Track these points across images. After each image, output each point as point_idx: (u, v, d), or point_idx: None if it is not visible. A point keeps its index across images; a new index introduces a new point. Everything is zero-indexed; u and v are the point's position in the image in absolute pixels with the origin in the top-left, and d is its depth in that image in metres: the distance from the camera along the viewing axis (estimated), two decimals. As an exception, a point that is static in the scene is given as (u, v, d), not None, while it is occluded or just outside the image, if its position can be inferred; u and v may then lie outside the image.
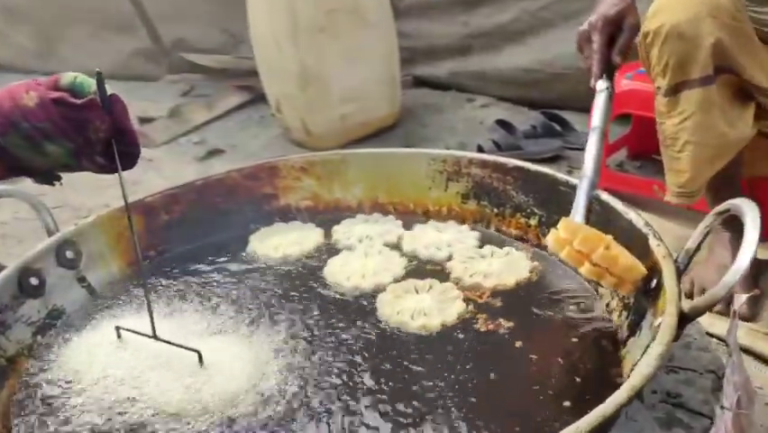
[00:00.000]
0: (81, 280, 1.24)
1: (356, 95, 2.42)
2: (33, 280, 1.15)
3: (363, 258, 1.32)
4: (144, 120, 2.78)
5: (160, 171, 2.43)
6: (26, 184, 1.13)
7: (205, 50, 3.20)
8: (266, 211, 1.49)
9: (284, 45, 2.35)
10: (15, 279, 1.13)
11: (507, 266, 1.25)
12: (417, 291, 1.21)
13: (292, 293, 1.24)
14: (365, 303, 1.20)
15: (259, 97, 2.83)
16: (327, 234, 1.42)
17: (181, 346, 1.00)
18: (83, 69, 1.01)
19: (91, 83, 0.94)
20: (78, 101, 0.92)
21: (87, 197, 2.14)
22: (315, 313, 1.17)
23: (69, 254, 1.23)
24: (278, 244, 1.38)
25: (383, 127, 2.51)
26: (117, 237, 1.30)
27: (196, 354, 1.00)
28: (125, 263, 1.31)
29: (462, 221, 1.43)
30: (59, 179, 1.05)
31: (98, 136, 0.94)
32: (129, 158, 0.99)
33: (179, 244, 1.39)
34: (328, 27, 2.31)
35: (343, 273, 1.27)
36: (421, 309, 1.15)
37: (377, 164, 1.51)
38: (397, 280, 1.25)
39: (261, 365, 1.05)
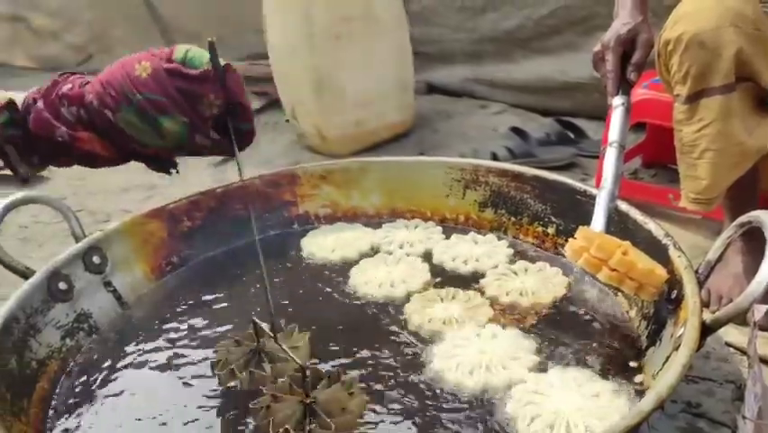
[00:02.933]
0: (107, 284, 1.26)
1: (370, 101, 2.44)
2: (62, 285, 1.17)
3: (388, 266, 1.33)
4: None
5: (175, 176, 2.44)
6: (51, 189, 1.14)
7: (220, 55, 3.23)
8: (285, 218, 1.51)
9: (299, 52, 2.37)
10: (45, 283, 1.15)
11: (542, 283, 1.25)
12: (442, 300, 1.22)
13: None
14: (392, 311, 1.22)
15: (273, 103, 2.84)
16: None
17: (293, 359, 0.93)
18: None
19: (204, 55, 0.89)
20: (193, 72, 0.87)
21: (105, 202, 2.16)
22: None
23: (96, 259, 1.25)
24: (334, 245, 1.41)
25: (396, 133, 2.52)
26: (142, 242, 1.32)
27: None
28: (149, 268, 1.33)
29: (479, 229, 1.45)
30: (175, 165, 1.00)
31: (212, 111, 0.89)
32: (244, 135, 0.93)
33: (202, 251, 1.41)
34: (343, 34, 2.33)
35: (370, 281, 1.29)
36: (450, 317, 1.16)
37: (395, 172, 1.53)
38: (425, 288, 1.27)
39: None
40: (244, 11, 2.94)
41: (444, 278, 1.31)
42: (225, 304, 1.26)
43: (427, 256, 1.38)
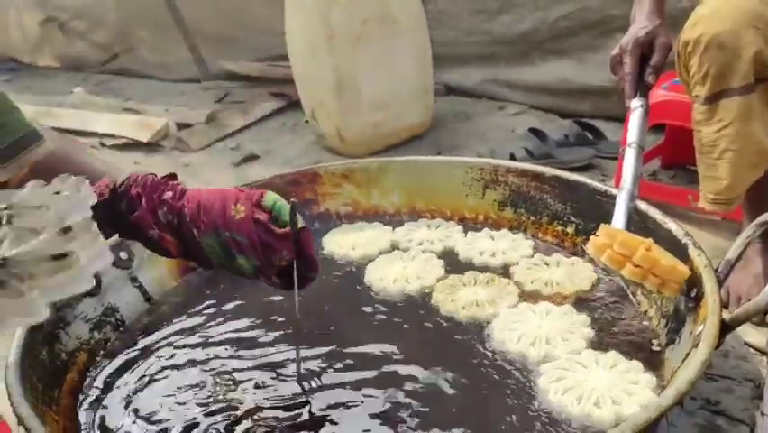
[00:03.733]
0: (134, 280, 1.29)
1: (389, 102, 2.46)
2: (90, 280, 1.20)
3: (404, 262, 1.35)
4: (182, 125, 2.84)
5: (197, 176, 2.48)
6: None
7: (241, 57, 3.26)
8: (307, 216, 1.53)
9: (319, 54, 2.40)
10: (74, 278, 1.18)
11: (568, 276, 1.27)
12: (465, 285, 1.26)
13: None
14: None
15: (293, 104, 2.87)
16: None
17: None
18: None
19: (287, 208, 0.99)
20: (278, 230, 0.97)
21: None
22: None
23: (123, 255, 1.28)
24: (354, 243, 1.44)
25: (415, 134, 2.54)
26: (167, 240, 1.35)
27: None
28: (173, 264, 1.36)
29: (499, 228, 1.46)
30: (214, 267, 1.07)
31: (281, 263, 0.99)
32: (305, 280, 1.03)
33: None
34: (362, 36, 2.35)
35: (385, 277, 1.31)
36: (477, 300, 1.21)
37: (415, 172, 1.55)
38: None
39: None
40: (265, 13, 2.97)
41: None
42: (246, 302, 1.29)
43: (449, 253, 1.39)
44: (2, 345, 1.61)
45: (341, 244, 1.44)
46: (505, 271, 1.32)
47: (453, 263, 1.35)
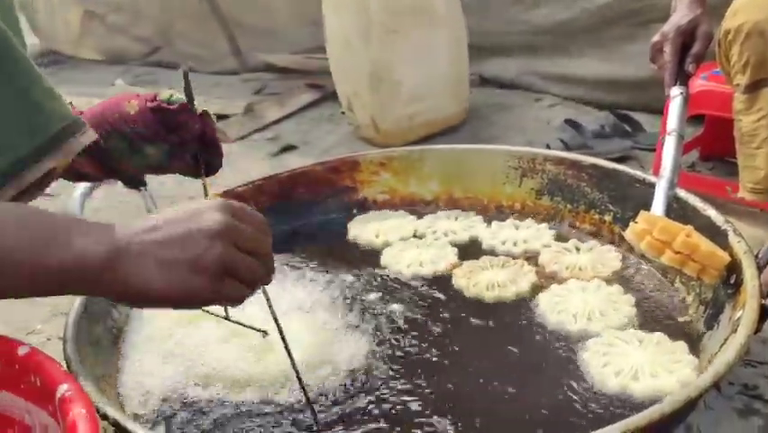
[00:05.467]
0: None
1: (425, 93, 2.47)
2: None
3: (419, 249, 1.39)
4: (221, 117, 2.89)
5: (235, 166, 2.52)
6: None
7: (278, 48, 3.31)
8: (345, 203, 1.57)
9: (356, 45, 2.42)
10: (124, 258, 1.23)
11: (591, 263, 1.29)
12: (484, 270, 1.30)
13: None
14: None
15: (329, 95, 2.91)
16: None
17: (250, 327, 1.06)
18: (195, 60, 1.10)
19: (184, 98, 1.04)
20: (172, 107, 1.03)
21: (172, 187, 2.25)
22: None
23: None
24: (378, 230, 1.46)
25: (451, 126, 2.55)
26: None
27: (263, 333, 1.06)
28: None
29: (536, 217, 1.47)
30: (144, 184, 1.16)
31: (191, 135, 1.04)
32: (212, 166, 1.09)
33: (266, 232, 1.47)
34: (399, 27, 2.37)
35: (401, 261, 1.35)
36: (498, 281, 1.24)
37: (453, 160, 1.57)
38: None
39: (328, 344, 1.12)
40: (302, 4, 3.01)
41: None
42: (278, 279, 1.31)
43: (473, 242, 1.42)
44: (56, 324, 1.67)
45: (366, 230, 1.47)
46: (528, 258, 1.34)
47: (469, 251, 1.39)
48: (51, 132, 0.87)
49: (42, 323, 1.68)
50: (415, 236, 1.45)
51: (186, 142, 1.04)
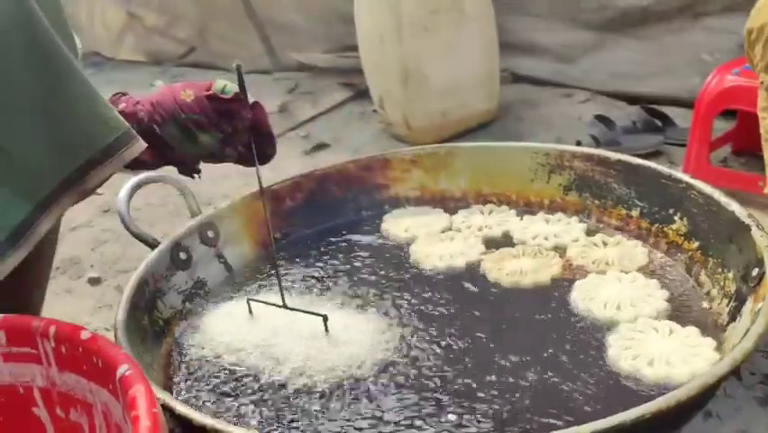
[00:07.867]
0: (219, 256, 1.40)
1: (456, 90, 2.51)
2: (182, 255, 1.32)
3: (443, 243, 1.43)
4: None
5: (270, 164, 2.59)
6: (171, 171, 1.28)
7: (310, 47, 3.37)
8: (377, 200, 1.61)
9: (388, 43, 2.47)
10: (168, 253, 1.30)
11: (618, 258, 1.31)
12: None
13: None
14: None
15: (361, 93, 2.96)
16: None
17: (310, 312, 1.12)
18: (229, 60, 1.16)
19: (236, 88, 1.09)
20: (228, 96, 1.09)
21: (209, 187, 2.32)
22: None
23: (210, 234, 1.38)
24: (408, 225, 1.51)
25: (482, 122, 2.59)
26: (249, 220, 1.45)
27: (322, 323, 1.11)
28: (255, 243, 1.46)
29: (564, 212, 1.50)
30: (198, 171, 1.22)
31: (243, 125, 1.09)
32: (265, 156, 1.16)
33: (301, 228, 1.53)
34: (431, 25, 2.41)
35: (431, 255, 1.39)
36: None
37: (482, 157, 1.60)
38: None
39: (379, 335, 1.17)
40: (335, 3, 3.06)
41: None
42: (316, 273, 1.39)
43: (506, 237, 1.46)
44: (101, 315, 1.76)
45: (398, 225, 1.51)
46: (558, 251, 1.37)
47: (501, 245, 1.42)
48: (108, 141, 0.94)
49: (89, 315, 1.77)
50: (450, 230, 1.49)
51: (239, 132, 1.10)
